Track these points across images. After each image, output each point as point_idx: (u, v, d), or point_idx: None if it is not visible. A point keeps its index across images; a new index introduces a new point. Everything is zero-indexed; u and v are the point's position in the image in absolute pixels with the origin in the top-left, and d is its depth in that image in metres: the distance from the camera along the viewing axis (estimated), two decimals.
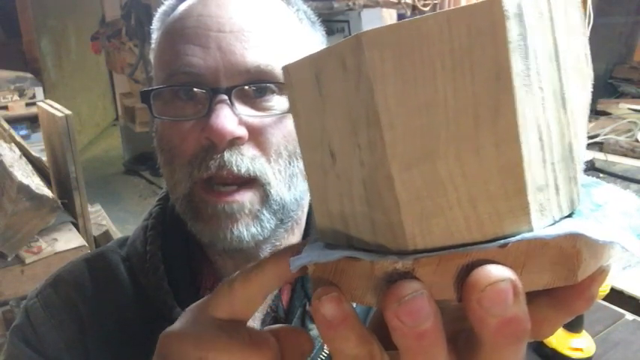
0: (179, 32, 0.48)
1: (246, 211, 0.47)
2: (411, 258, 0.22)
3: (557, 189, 0.22)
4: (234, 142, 0.46)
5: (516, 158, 0.21)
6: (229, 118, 0.45)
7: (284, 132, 0.48)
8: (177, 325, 0.31)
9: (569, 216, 0.23)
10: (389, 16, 3.06)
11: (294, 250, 0.28)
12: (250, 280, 0.29)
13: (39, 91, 3.44)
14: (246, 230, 0.47)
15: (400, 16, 3.17)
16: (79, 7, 4.68)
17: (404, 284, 0.21)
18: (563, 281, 0.22)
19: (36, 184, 1.73)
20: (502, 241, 0.21)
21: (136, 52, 3.54)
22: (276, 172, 0.48)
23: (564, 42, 0.23)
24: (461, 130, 0.21)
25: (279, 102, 0.48)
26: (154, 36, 0.54)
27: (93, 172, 4.36)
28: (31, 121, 3.21)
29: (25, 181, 1.67)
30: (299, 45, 0.51)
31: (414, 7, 3.10)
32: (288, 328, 0.32)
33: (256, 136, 0.47)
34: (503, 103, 0.20)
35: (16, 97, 3.38)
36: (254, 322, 0.54)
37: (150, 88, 0.49)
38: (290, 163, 0.49)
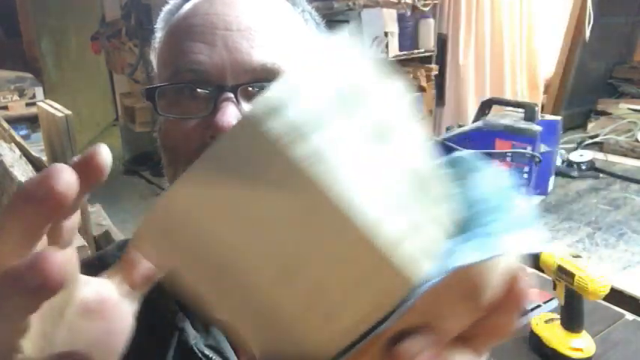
0: (185, 30, 0.48)
1: None
2: None
3: (418, 227, 0.21)
4: None
5: (376, 257, 0.19)
6: (235, 115, 0.45)
7: None
8: None
9: (456, 233, 0.23)
10: (389, 16, 3.06)
11: None
12: None
13: (39, 91, 3.44)
14: None
15: (400, 16, 3.16)
16: (79, 7, 4.68)
17: None
18: (479, 310, 0.22)
19: None
20: (407, 305, 0.21)
21: (136, 52, 3.54)
22: None
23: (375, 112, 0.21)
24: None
25: None
26: (158, 35, 0.53)
27: None
28: (31, 121, 3.20)
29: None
30: (305, 45, 0.51)
31: (414, 7, 3.10)
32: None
33: None
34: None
35: (16, 97, 3.38)
36: None
37: (155, 86, 0.49)
38: None
